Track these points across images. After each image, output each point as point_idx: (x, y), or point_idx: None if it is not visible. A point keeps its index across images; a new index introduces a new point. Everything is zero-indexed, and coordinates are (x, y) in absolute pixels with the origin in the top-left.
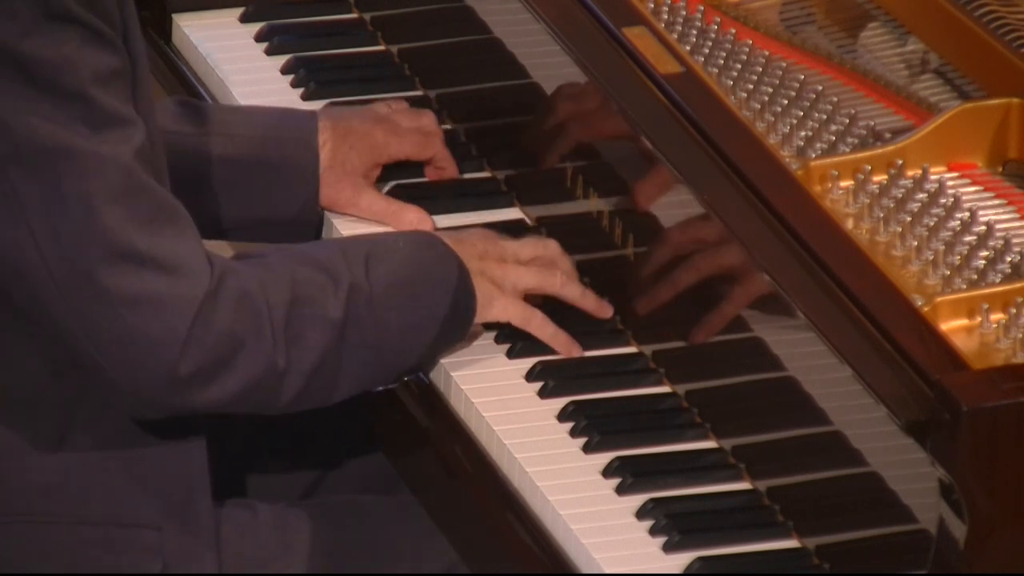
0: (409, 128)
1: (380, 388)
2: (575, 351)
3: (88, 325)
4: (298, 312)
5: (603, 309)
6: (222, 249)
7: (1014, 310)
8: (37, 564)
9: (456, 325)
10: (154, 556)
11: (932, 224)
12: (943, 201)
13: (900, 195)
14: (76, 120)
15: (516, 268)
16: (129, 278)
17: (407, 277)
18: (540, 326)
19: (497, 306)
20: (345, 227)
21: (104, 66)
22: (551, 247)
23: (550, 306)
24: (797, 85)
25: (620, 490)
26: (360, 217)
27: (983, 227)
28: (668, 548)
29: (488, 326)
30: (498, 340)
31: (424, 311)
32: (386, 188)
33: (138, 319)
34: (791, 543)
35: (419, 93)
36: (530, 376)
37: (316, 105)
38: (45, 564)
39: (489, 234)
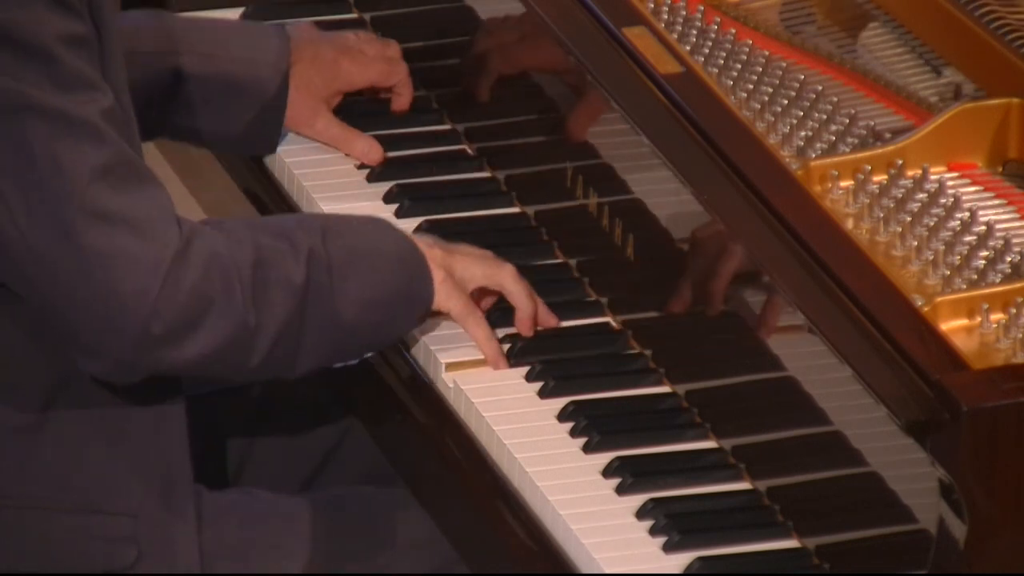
0: (374, 57)
1: (341, 364)
2: (501, 364)
3: (60, 284)
4: (263, 274)
5: (548, 319)
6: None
7: (1014, 310)
8: (8, 548)
9: (414, 304)
10: (128, 545)
11: (932, 224)
12: (943, 201)
13: (900, 195)
14: (43, 79)
15: (464, 258)
16: (100, 236)
17: (365, 250)
18: (476, 325)
19: (441, 292)
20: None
21: (70, 31)
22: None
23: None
24: (797, 85)
25: (620, 490)
26: (313, 139)
27: (983, 227)
28: (668, 548)
29: (490, 325)
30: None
31: (383, 286)
32: (386, 189)
33: (110, 277)
34: (791, 543)
35: (419, 93)
36: (530, 376)
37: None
38: (17, 549)
39: (436, 237)
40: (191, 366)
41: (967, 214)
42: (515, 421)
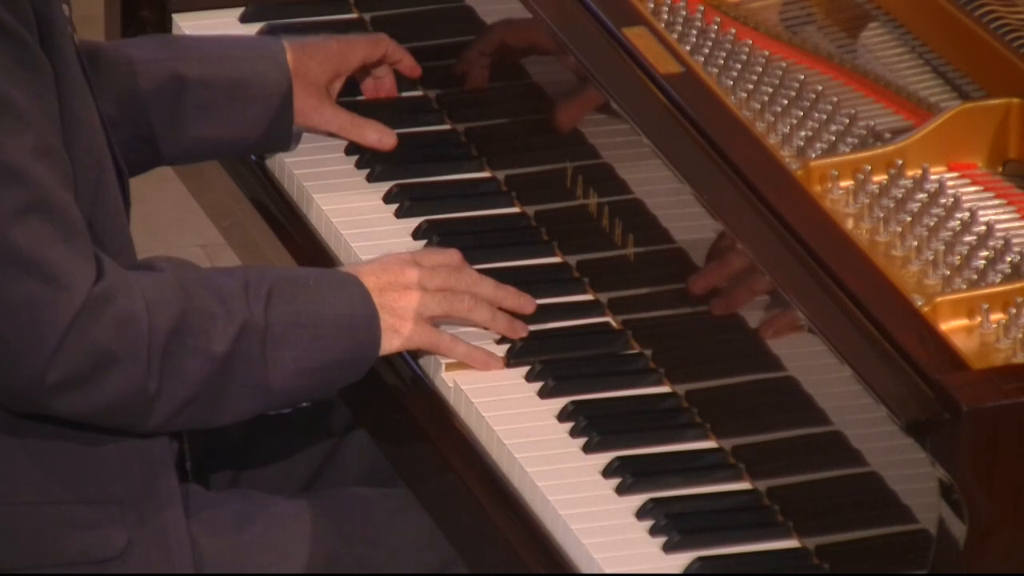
0: (359, 37)
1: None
2: (494, 365)
3: None
4: (180, 341)
5: (515, 329)
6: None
7: (1014, 310)
8: (1, 548)
9: (356, 368)
10: (117, 531)
11: (932, 224)
12: (943, 201)
13: (900, 195)
14: None
15: (421, 295)
16: (8, 282)
17: (309, 318)
18: (450, 348)
19: (401, 337)
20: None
21: (3, 57)
22: (454, 258)
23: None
24: (797, 85)
25: (620, 490)
26: (321, 130)
27: (983, 227)
28: (668, 548)
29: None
30: (498, 340)
31: (324, 353)
32: (386, 189)
33: (11, 324)
34: (791, 543)
35: (419, 93)
36: (530, 376)
37: None
38: (7, 546)
39: (391, 264)
40: (81, 416)
41: (967, 214)
42: (515, 421)
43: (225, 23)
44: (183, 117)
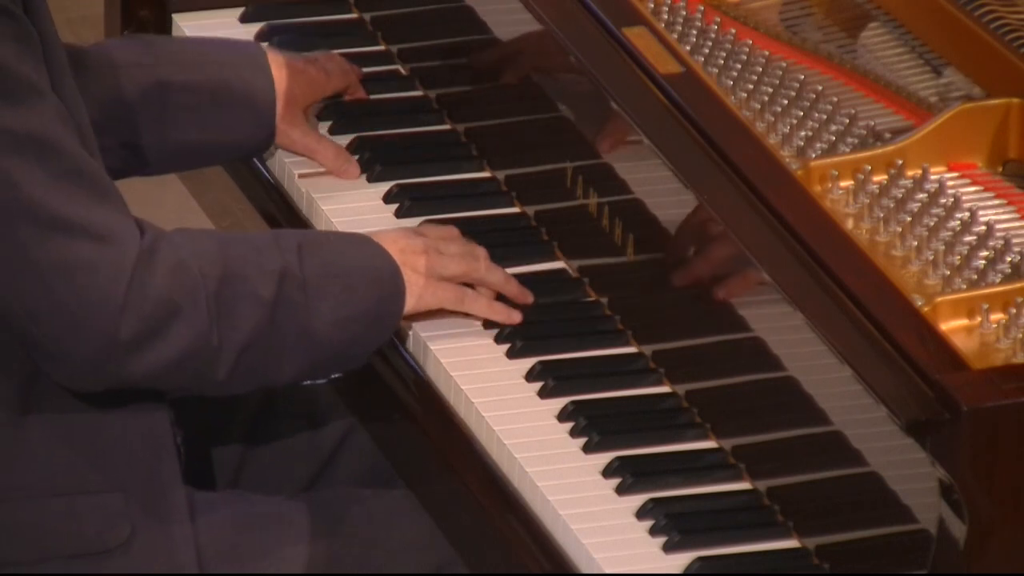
0: (332, 68)
1: (321, 380)
2: (515, 317)
3: (24, 299)
4: (230, 287)
5: (525, 296)
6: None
7: (1014, 310)
8: (2, 541)
9: (383, 322)
10: (121, 520)
11: (932, 224)
12: (943, 201)
13: (900, 195)
14: None
15: (439, 256)
16: (59, 248)
17: (341, 268)
18: (474, 302)
19: (427, 294)
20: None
21: (14, 37)
22: (456, 232)
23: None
24: (797, 85)
25: (620, 490)
26: (288, 149)
27: (983, 227)
28: (668, 548)
29: (488, 325)
30: (498, 340)
31: (355, 304)
32: (386, 189)
33: (73, 287)
34: (791, 543)
35: (419, 93)
36: (530, 376)
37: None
38: (11, 540)
39: (409, 231)
40: (153, 375)
41: (967, 214)
42: (515, 421)
43: (225, 23)
44: (166, 121)
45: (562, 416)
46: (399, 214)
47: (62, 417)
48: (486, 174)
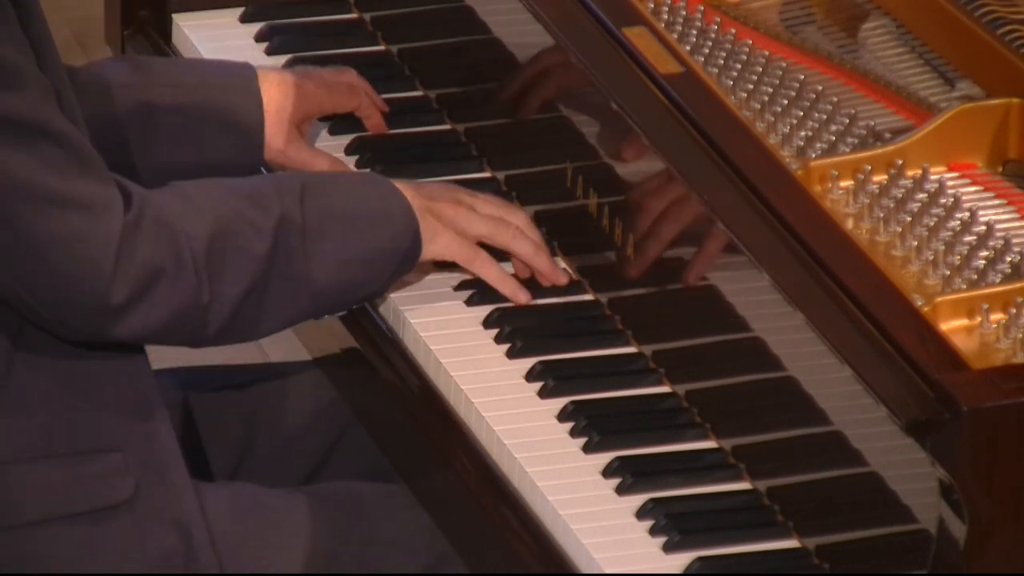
0: (334, 82)
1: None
2: (522, 296)
3: (18, 271)
4: (220, 244)
5: (556, 274)
6: None
7: (1014, 310)
8: (6, 504)
9: (399, 259)
10: (123, 476)
11: (932, 224)
12: (943, 201)
13: (900, 195)
14: None
15: (468, 213)
16: (49, 221)
17: (345, 210)
18: (483, 265)
19: (440, 242)
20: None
21: None
22: (517, 213)
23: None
24: (797, 85)
25: (620, 490)
26: (285, 166)
27: (983, 227)
28: (668, 548)
29: (488, 326)
30: (498, 340)
31: (363, 245)
32: None
33: (65, 258)
34: (791, 543)
35: (419, 93)
36: (530, 376)
37: None
38: (14, 503)
39: (453, 186)
40: (145, 336)
41: (967, 214)
42: (515, 421)
43: (225, 23)
44: (152, 142)
45: (562, 416)
46: None
47: (48, 383)
48: (486, 174)
